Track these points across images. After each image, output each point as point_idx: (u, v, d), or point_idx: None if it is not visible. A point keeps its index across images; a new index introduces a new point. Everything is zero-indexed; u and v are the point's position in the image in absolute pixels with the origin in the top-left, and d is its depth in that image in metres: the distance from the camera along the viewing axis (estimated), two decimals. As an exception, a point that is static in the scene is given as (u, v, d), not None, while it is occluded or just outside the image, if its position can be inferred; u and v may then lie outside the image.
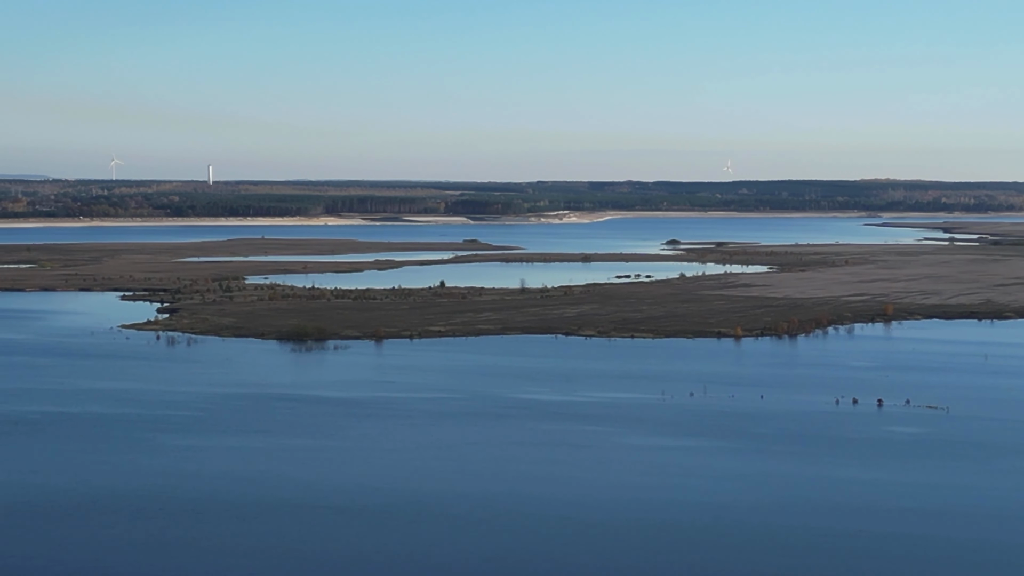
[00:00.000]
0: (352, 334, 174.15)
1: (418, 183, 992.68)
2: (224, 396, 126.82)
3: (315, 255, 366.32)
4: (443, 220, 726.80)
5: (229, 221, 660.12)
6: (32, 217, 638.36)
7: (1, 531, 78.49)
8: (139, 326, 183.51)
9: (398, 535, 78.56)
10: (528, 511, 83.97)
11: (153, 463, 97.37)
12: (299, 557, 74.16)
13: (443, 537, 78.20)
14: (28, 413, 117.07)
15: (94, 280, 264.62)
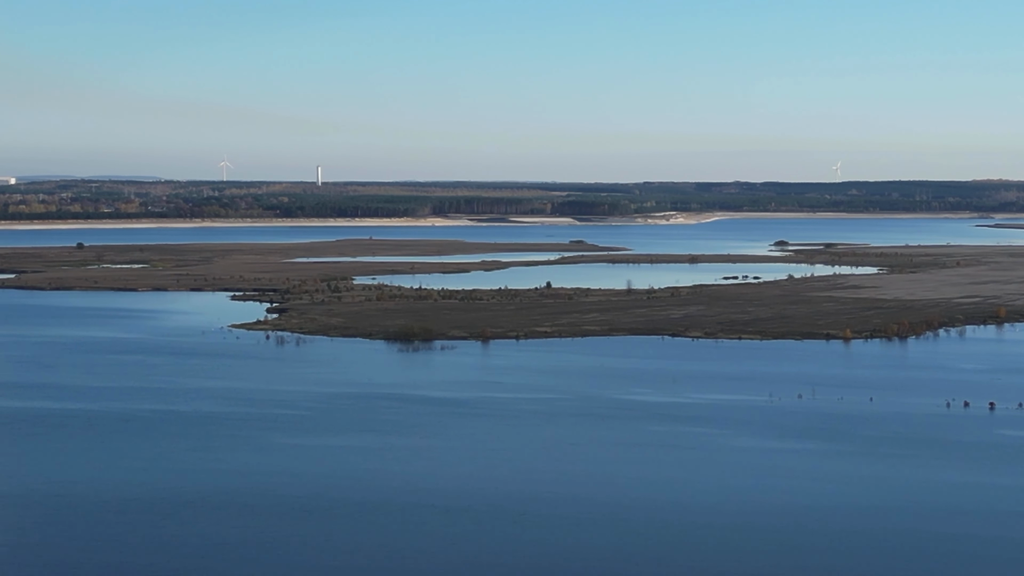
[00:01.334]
0: (458, 334, 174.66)
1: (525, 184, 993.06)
2: (331, 395, 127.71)
3: (422, 256, 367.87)
4: (549, 221, 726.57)
5: (337, 222, 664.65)
6: (144, 218, 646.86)
7: (112, 527, 79.54)
8: (249, 326, 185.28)
9: (502, 535, 78.61)
10: (632, 512, 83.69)
11: (261, 461, 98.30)
12: (404, 556, 74.45)
13: (548, 537, 78.13)
14: (139, 411, 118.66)
15: (205, 280, 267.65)
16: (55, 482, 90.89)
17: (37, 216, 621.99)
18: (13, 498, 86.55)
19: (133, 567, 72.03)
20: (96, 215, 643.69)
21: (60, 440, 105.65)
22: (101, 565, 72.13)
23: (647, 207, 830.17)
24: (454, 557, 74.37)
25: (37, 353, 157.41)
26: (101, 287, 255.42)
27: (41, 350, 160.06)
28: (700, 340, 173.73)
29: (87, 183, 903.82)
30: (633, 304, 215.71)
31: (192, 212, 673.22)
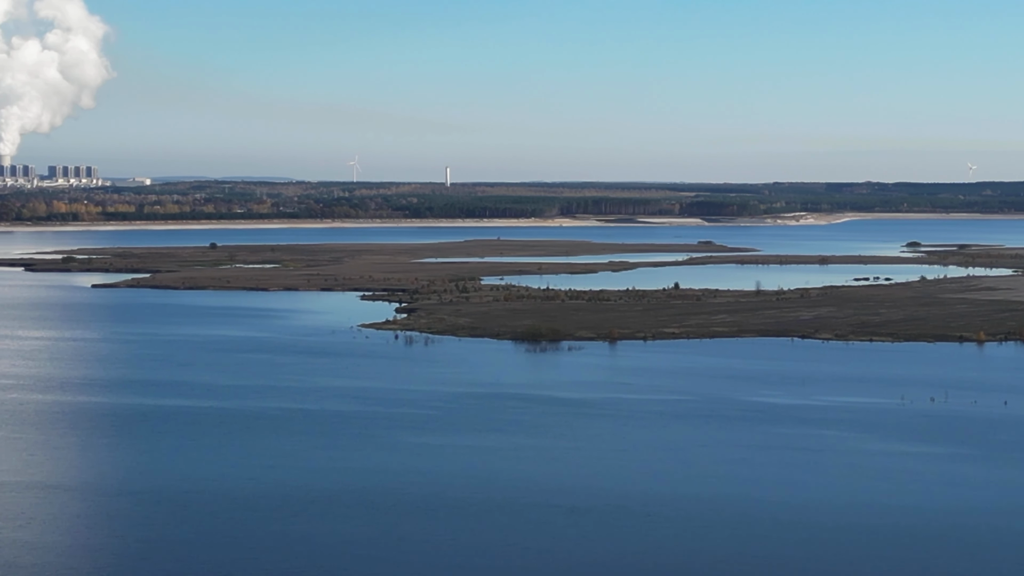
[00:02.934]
0: (586, 335, 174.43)
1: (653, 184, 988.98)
2: (458, 395, 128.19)
3: (550, 256, 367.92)
4: (678, 221, 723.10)
5: (465, 222, 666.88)
6: (276, 218, 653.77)
7: (241, 524, 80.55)
8: (378, 325, 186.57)
9: (627, 535, 78.41)
10: (758, 514, 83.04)
11: (388, 460, 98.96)
12: (529, 555, 74.56)
13: (673, 538, 77.84)
14: (269, 409, 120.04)
15: (335, 280, 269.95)
16: (186, 478, 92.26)
17: (171, 216, 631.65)
18: (145, 494, 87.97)
19: (261, 564, 72.83)
20: (229, 215, 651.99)
21: (192, 437, 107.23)
22: (229, 562, 73.03)
23: (777, 208, 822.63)
24: (579, 557, 74.32)
25: (170, 351, 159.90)
26: (233, 287, 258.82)
27: (174, 349, 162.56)
28: (830, 342, 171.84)
29: (220, 184, 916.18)
30: (762, 305, 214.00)
31: (323, 213, 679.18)
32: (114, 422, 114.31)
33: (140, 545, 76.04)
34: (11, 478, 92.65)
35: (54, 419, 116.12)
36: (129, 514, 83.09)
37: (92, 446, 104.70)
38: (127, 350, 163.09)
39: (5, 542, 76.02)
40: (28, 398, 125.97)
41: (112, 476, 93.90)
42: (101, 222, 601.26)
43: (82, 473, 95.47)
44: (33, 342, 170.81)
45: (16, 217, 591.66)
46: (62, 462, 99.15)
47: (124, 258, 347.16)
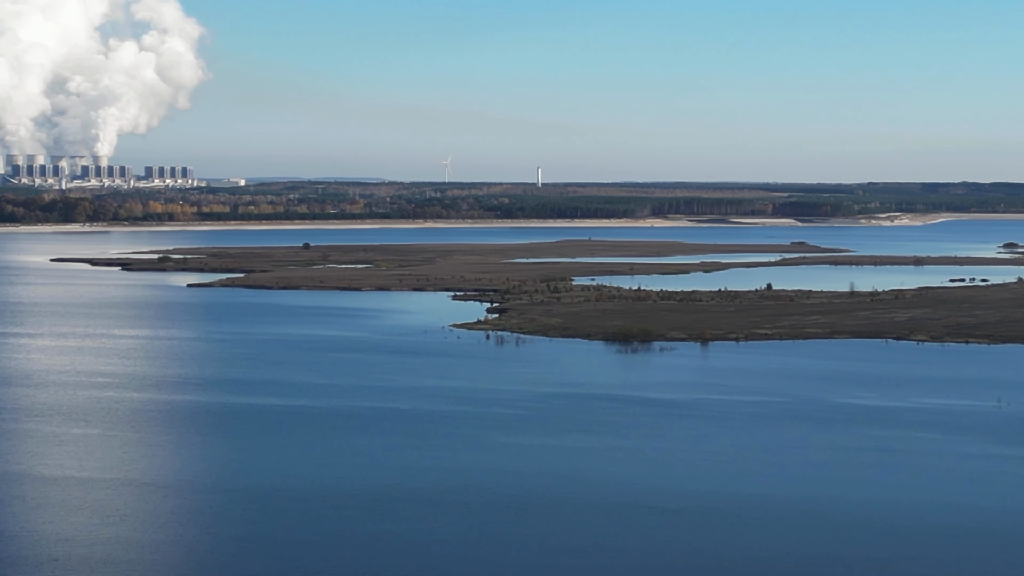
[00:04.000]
0: (677, 336, 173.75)
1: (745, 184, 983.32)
2: (549, 395, 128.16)
3: (641, 257, 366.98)
4: (770, 222, 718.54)
5: (557, 223, 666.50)
6: (369, 219, 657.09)
7: (332, 522, 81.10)
8: (469, 325, 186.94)
9: (718, 537, 78.10)
10: (850, 516, 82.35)
11: (478, 459, 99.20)
12: (618, 556, 74.43)
13: (762, 539, 77.40)
14: (361, 408, 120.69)
15: (427, 280, 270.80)
16: (278, 476, 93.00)
17: (266, 217, 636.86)
18: (237, 492, 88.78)
19: (351, 562, 73.27)
20: (322, 216, 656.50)
21: (284, 436, 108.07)
22: (319, 559, 73.54)
23: (871, 208, 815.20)
24: (669, 558, 74.14)
25: (263, 351, 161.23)
26: (326, 286, 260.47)
27: (267, 348, 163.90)
28: (925, 344, 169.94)
29: (313, 184, 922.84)
30: (856, 307, 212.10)
31: (415, 213, 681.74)
32: (207, 420, 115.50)
33: (232, 542, 76.78)
34: (106, 475, 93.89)
35: (149, 417, 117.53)
36: (221, 511, 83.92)
37: (186, 444, 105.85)
38: (221, 349, 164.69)
39: (100, 538, 77.03)
40: (123, 396, 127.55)
41: (205, 474, 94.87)
42: (196, 222, 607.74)
43: (176, 470, 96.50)
44: (129, 341, 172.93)
45: (113, 217, 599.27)
46: (156, 459, 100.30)
47: (219, 258, 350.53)
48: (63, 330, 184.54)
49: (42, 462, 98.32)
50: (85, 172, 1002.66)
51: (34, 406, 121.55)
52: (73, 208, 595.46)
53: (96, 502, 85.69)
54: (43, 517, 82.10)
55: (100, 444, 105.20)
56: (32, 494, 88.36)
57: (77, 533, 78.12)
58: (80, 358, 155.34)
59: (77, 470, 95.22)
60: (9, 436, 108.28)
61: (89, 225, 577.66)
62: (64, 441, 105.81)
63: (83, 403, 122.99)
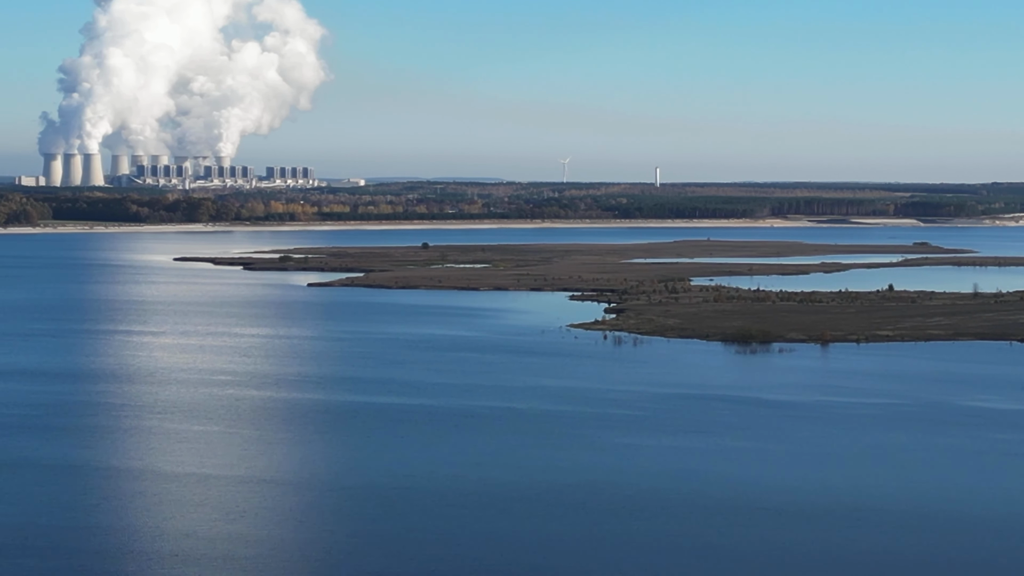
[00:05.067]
0: (797, 337, 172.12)
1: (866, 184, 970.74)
2: (666, 396, 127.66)
3: (760, 257, 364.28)
4: (892, 222, 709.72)
5: (675, 223, 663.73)
6: (486, 219, 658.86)
7: (447, 520, 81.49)
8: (586, 326, 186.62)
9: (835, 538, 77.38)
10: (968, 519, 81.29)
11: (593, 459, 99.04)
12: (734, 558, 74.08)
13: (880, 542, 76.51)
14: (477, 408, 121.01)
15: (544, 280, 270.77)
16: (395, 475, 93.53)
17: (385, 217, 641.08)
18: (355, 489, 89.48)
19: (466, 560, 73.55)
20: (440, 216, 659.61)
21: (401, 434, 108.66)
22: (436, 557, 73.89)
23: (995, 208, 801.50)
24: (786, 560, 73.59)
25: (382, 350, 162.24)
26: (444, 286, 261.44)
27: (386, 347, 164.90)
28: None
29: (432, 184, 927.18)
30: (980, 308, 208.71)
31: (532, 213, 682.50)
32: (326, 418, 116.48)
33: (349, 539, 77.37)
34: (226, 472, 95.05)
35: (268, 415, 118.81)
36: (339, 509, 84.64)
37: (304, 441, 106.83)
38: (340, 348, 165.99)
39: (221, 535, 77.98)
40: (244, 394, 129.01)
41: (323, 471, 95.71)
42: (317, 222, 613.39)
43: (294, 468, 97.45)
44: (250, 339, 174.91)
45: (235, 217, 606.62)
46: (275, 457, 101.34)
47: (339, 257, 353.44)
48: (185, 328, 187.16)
49: (163, 458, 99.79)
50: (208, 172, 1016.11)
51: (156, 403, 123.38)
52: (196, 208, 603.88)
53: (216, 498, 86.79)
54: (164, 513, 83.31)
55: (220, 441, 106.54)
56: (153, 490, 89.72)
57: (198, 529, 79.16)
58: (202, 356, 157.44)
59: (198, 467, 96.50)
60: (132, 433, 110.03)
61: (212, 225, 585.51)
62: (185, 438, 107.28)
63: (204, 400, 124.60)
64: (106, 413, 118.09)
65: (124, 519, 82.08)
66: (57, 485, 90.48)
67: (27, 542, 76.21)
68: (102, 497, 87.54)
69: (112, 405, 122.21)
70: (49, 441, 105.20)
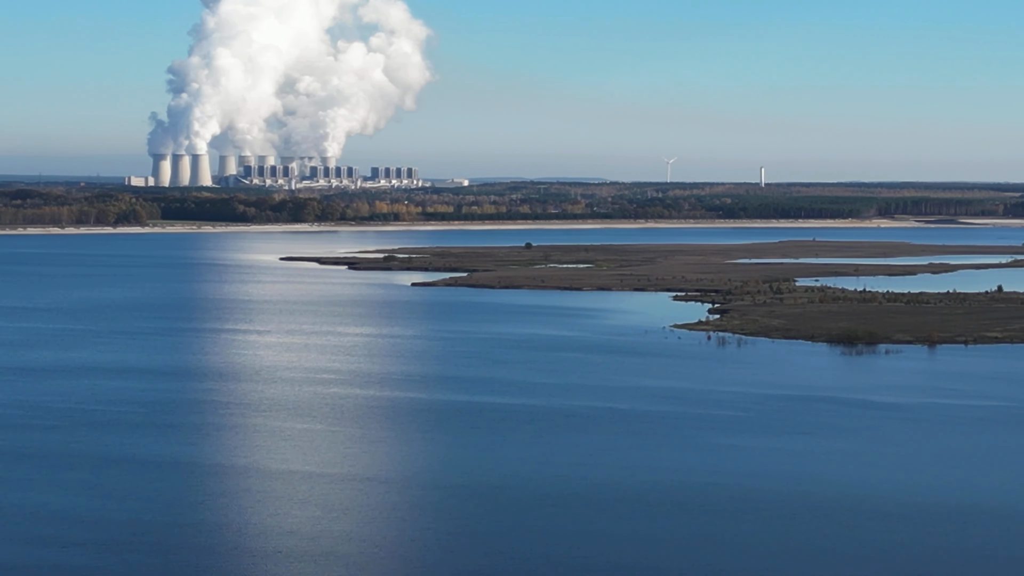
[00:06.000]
0: (904, 338, 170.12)
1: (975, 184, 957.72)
2: (770, 397, 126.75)
3: (866, 258, 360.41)
4: (1001, 222, 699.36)
5: (780, 223, 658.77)
6: (590, 219, 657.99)
7: (548, 519, 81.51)
8: (690, 326, 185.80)
9: (941, 541, 76.58)
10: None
11: (696, 460, 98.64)
12: (837, 561, 73.44)
13: (987, 545, 75.60)
14: (579, 407, 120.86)
15: (647, 280, 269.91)
16: (496, 474, 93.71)
17: (488, 217, 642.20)
18: (457, 488, 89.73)
19: (566, 559, 73.51)
20: (544, 216, 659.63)
21: (502, 433, 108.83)
22: (535, 556, 73.94)
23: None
24: (892, 562, 72.80)
25: (484, 349, 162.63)
26: (547, 286, 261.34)
27: (488, 346, 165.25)
28: None
29: (536, 185, 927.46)
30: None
31: (636, 213, 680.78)
32: (428, 417, 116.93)
33: (449, 538, 77.62)
34: (330, 470, 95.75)
35: (371, 413, 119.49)
36: (441, 507, 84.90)
37: (407, 440, 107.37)
38: (443, 347, 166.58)
39: (324, 532, 78.54)
40: (347, 392, 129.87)
41: (425, 469, 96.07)
42: (421, 222, 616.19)
43: (397, 466, 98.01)
44: (354, 338, 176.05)
45: (340, 217, 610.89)
46: (378, 455, 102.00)
47: (442, 257, 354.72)
48: (291, 327, 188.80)
49: (268, 456, 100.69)
50: (314, 173, 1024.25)
51: (261, 401, 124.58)
52: (302, 208, 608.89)
53: (319, 496, 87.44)
54: (268, 510, 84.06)
55: (324, 439, 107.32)
56: (258, 487, 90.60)
57: (301, 526, 79.79)
58: (306, 355, 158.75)
59: (301, 464, 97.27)
60: (237, 430, 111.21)
61: (317, 225, 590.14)
62: (289, 436, 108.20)
63: (308, 399, 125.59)
64: (212, 411, 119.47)
65: (229, 516, 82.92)
66: (163, 482, 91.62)
67: (134, 538, 77.24)
68: (207, 494, 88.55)
69: (218, 403, 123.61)
70: (156, 438, 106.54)
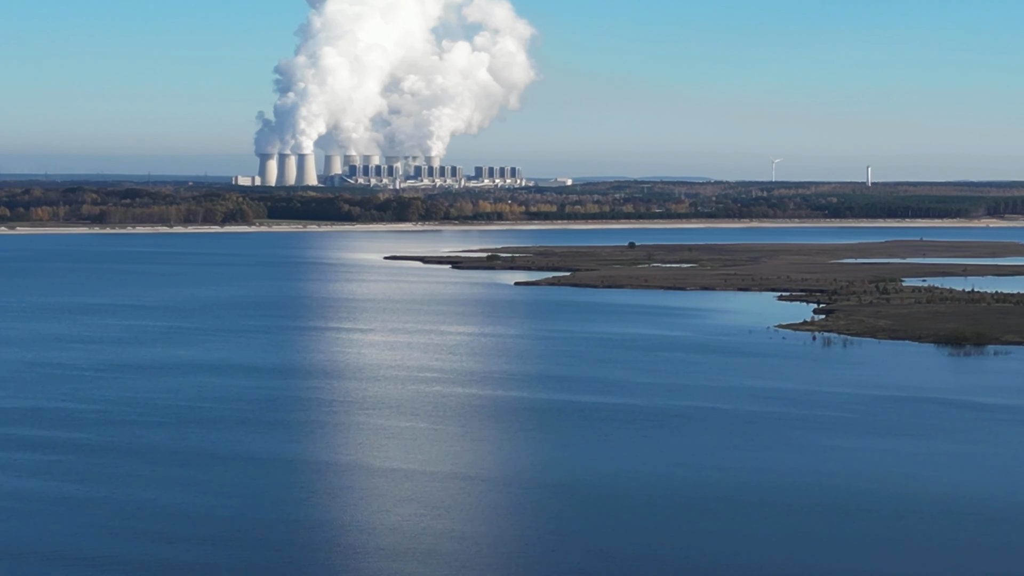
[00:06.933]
0: (1012, 339, 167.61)
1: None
2: (875, 398, 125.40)
3: (975, 258, 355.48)
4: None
5: (886, 222, 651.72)
6: (694, 218, 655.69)
7: (650, 519, 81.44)
8: (795, 326, 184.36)
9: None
10: None
11: (800, 461, 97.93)
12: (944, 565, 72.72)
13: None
14: (681, 407, 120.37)
15: (752, 280, 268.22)
16: (599, 473, 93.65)
17: (591, 216, 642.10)
18: (559, 487, 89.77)
19: (669, 559, 73.37)
20: (647, 215, 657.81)
21: (604, 433, 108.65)
22: (637, 556, 73.83)
23: None
24: (1000, 567, 71.80)
25: (587, 348, 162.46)
26: (650, 285, 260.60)
27: (591, 346, 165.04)
28: None
29: (639, 184, 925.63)
30: None
31: (740, 212, 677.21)
32: (530, 416, 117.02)
33: (550, 537, 77.65)
34: (432, 468, 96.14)
35: (474, 412, 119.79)
36: (542, 506, 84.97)
37: (509, 439, 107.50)
38: (545, 346, 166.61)
39: (426, 530, 78.85)
40: (450, 391, 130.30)
41: (527, 468, 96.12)
42: (524, 221, 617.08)
43: (498, 465, 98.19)
44: (456, 337, 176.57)
45: (444, 216, 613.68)
46: (480, 453, 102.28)
47: (545, 256, 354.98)
48: (394, 326, 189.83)
49: (371, 453, 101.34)
50: (418, 172, 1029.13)
51: (365, 399, 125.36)
52: (406, 207, 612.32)
53: (422, 494, 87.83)
54: (371, 507, 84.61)
55: (427, 437, 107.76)
56: (361, 484, 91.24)
57: (404, 524, 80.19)
58: (409, 353, 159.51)
59: (404, 462, 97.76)
60: (340, 428, 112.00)
61: (421, 224, 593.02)
62: (392, 434, 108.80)
63: (411, 397, 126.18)
64: (316, 408, 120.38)
65: (332, 513, 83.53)
66: (268, 478, 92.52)
67: (239, 534, 78.05)
68: (311, 491, 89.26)
69: (321, 400, 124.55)
70: (261, 435, 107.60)
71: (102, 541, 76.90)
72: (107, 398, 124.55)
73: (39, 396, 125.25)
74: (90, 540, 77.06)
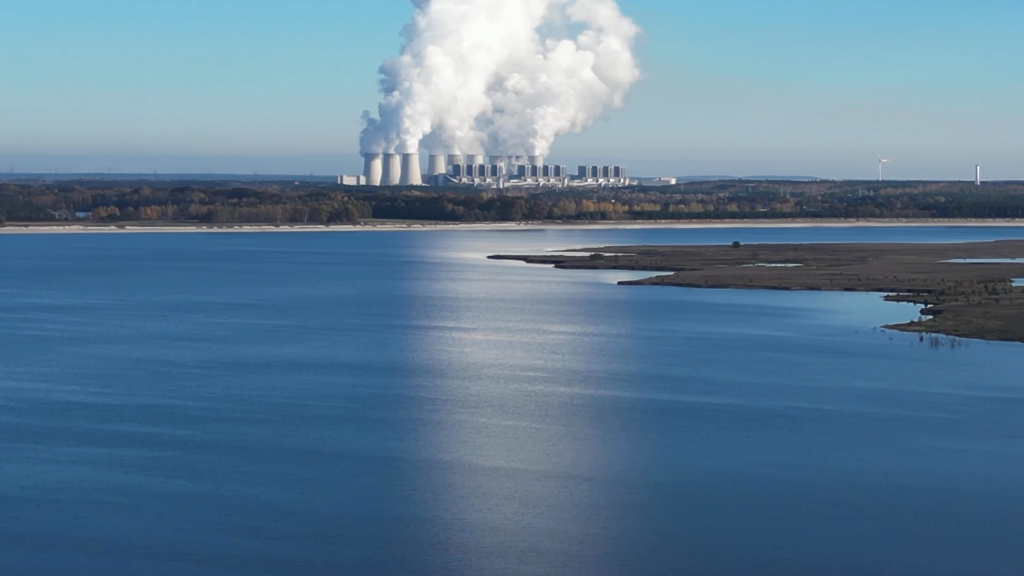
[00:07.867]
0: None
1: None
2: (984, 399, 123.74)
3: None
4: None
5: (996, 222, 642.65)
6: (799, 217, 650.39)
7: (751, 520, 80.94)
8: (902, 327, 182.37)
9: None
10: None
11: (906, 463, 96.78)
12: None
13: None
14: (785, 408, 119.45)
15: (858, 280, 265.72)
16: (700, 473, 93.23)
17: (695, 215, 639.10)
18: (661, 487, 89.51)
19: (772, 560, 72.85)
20: (751, 214, 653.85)
21: (707, 433, 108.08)
22: (740, 557, 73.39)
23: None
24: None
25: (690, 348, 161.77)
26: (755, 285, 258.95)
27: (694, 346, 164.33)
28: None
29: (743, 183, 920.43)
30: None
31: (846, 212, 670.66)
32: (632, 415, 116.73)
33: (652, 536, 77.40)
34: (534, 467, 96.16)
35: (575, 411, 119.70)
36: (644, 506, 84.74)
37: (610, 438, 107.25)
38: (648, 346, 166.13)
39: (527, 529, 78.88)
40: (552, 390, 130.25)
41: (629, 468, 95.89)
42: (627, 221, 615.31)
43: (600, 464, 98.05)
44: (559, 336, 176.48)
45: (547, 216, 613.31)
46: (581, 453, 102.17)
47: (649, 256, 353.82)
48: (497, 325, 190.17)
49: (473, 452, 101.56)
50: (521, 171, 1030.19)
51: (467, 398, 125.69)
52: (509, 207, 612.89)
53: (523, 493, 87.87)
54: (473, 505, 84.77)
55: (528, 436, 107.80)
56: (463, 483, 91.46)
57: (505, 522, 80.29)
58: (512, 352, 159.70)
59: (506, 460, 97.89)
60: (443, 426, 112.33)
61: (524, 223, 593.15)
62: (494, 432, 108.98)
63: (513, 396, 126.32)
64: (419, 406, 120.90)
65: (434, 511, 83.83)
66: (371, 476, 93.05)
67: (342, 531, 78.56)
68: (413, 488, 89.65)
69: (424, 399, 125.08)
70: (364, 433, 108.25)
71: (207, 537, 77.76)
72: (213, 395, 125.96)
73: (147, 393, 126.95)
74: (195, 536, 77.94)
